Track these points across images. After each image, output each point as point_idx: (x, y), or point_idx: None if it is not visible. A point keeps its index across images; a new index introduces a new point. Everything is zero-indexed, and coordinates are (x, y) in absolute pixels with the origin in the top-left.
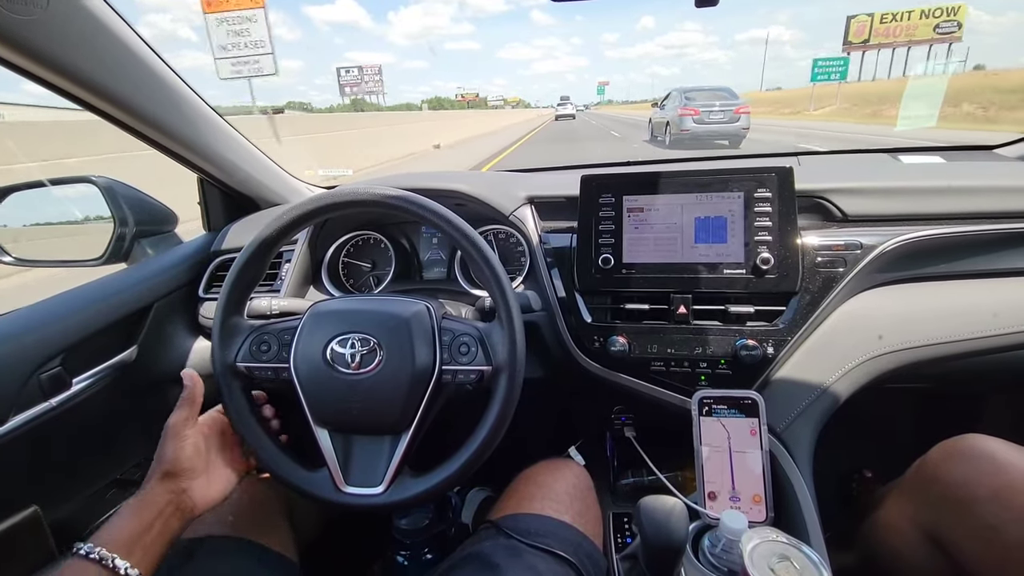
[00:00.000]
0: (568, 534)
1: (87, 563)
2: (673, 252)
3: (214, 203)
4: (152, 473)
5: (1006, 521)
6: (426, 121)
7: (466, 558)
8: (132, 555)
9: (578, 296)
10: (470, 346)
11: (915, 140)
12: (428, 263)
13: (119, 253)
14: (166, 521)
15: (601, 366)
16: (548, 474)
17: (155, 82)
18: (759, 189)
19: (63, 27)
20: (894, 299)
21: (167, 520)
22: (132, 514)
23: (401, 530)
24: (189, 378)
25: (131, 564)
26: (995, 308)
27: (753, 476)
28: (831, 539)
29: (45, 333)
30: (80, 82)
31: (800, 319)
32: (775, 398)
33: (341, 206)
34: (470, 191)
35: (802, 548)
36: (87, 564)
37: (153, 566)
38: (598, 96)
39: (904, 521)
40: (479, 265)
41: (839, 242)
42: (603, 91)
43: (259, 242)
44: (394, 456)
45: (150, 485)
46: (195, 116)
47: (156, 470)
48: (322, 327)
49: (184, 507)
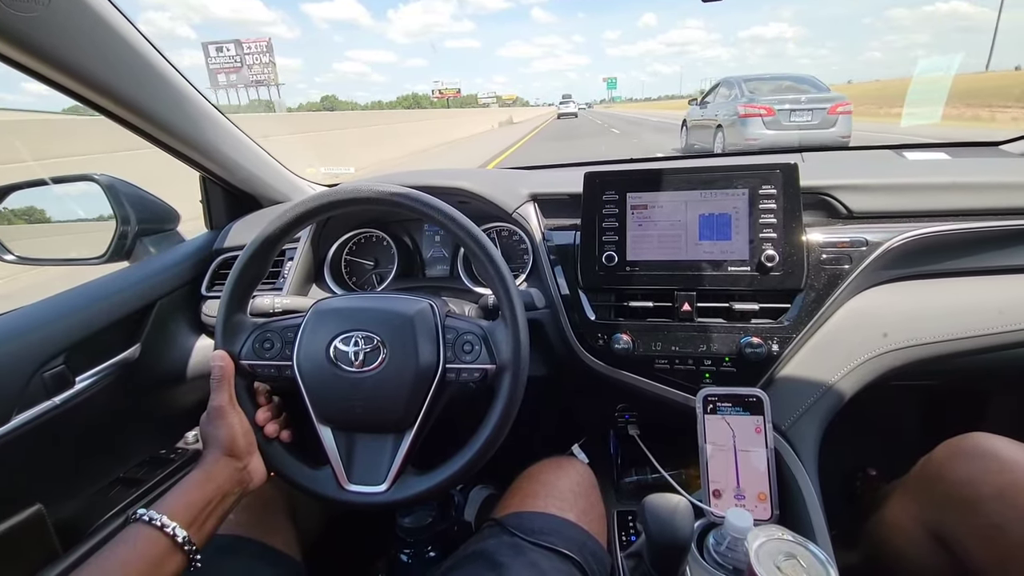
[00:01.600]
0: (572, 532)
1: (150, 528)
2: (677, 249)
3: (216, 201)
4: (209, 453)
5: (1011, 520)
6: (341, 129)
7: (470, 556)
8: (191, 526)
9: (582, 293)
10: (474, 344)
11: (920, 137)
12: (431, 261)
13: (121, 251)
14: (224, 497)
15: (605, 364)
16: (552, 472)
17: (157, 80)
18: (764, 186)
19: (65, 24)
20: (899, 296)
21: (225, 497)
22: (196, 487)
23: (405, 528)
24: (220, 358)
25: (190, 535)
26: (1000, 305)
27: (758, 474)
28: (836, 537)
29: (48, 332)
30: (82, 80)
31: (805, 316)
32: (780, 396)
33: (344, 204)
34: (473, 188)
35: (808, 546)
36: (149, 530)
37: (207, 539)
38: (608, 91)
39: (909, 520)
40: (483, 263)
41: (844, 239)
42: (615, 84)
43: (262, 240)
44: (397, 454)
45: (213, 460)
46: (197, 114)
47: (214, 451)
48: (325, 325)
49: (244, 483)
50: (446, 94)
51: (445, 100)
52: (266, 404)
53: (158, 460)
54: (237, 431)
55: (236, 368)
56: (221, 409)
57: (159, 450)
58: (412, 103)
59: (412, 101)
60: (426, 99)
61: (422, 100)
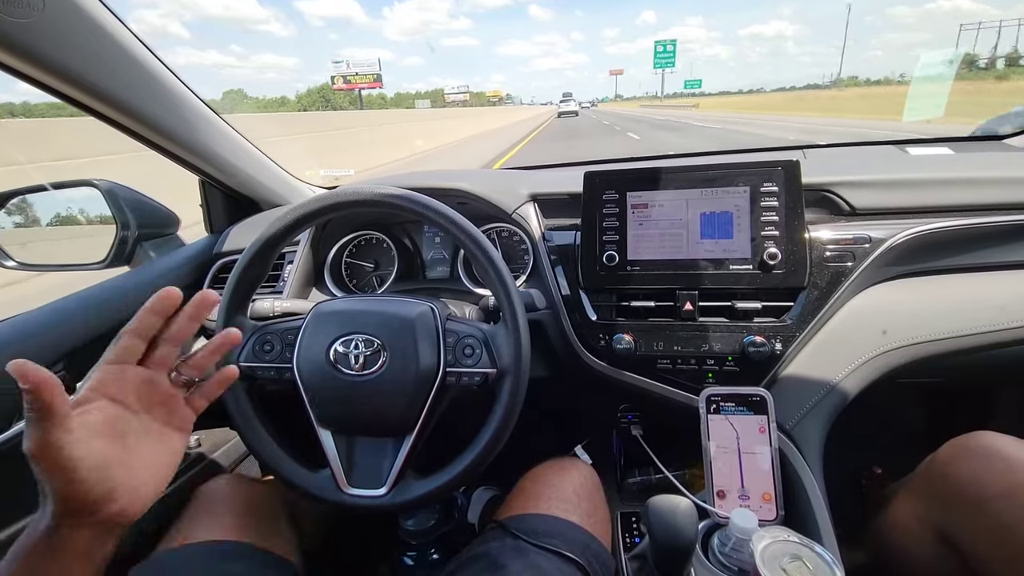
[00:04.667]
0: (576, 534)
1: None
2: (678, 248)
3: (216, 205)
4: (47, 512)
5: (1017, 519)
6: None
7: (473, 558)
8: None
9: (583, 294)
10: (475, 348)
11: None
12: (431, 262)
13: (122, 256)
14: (87, 558)
15: (607, 364)
16: (555, 474)
17: (154, 84)
18: (765, 183)
19: (60, 29)
20: (902, 293)
21: (88, 557)
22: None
23: (407, 531)
24: (14, 369)
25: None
26: (1003, 301)
27: (763, 474)
28: (842, 536)
29: (48, 338)
30: (78, 85)
31: (808, 315)
32: (784, 395)
33: (343, 206)
34: (472, 189)
35: (814, 548)
36: None
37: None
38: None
39: (915, 519)
40: (483, 265)
41: (847, 236)
42: (698, 83)
43: (261, 242)
44: (397, 458)
45: (52, 526)
46: (194, 118)
47: (52, 509)
48: (325, 327)
49: (111, 529)
50: (355, 84)
51: (356, 94)
52: None
53: None
54: (78, 472)
55: None
56: (37, 452)
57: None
58: (321, 101)
59: (319, 98)
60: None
61: (369, 100)
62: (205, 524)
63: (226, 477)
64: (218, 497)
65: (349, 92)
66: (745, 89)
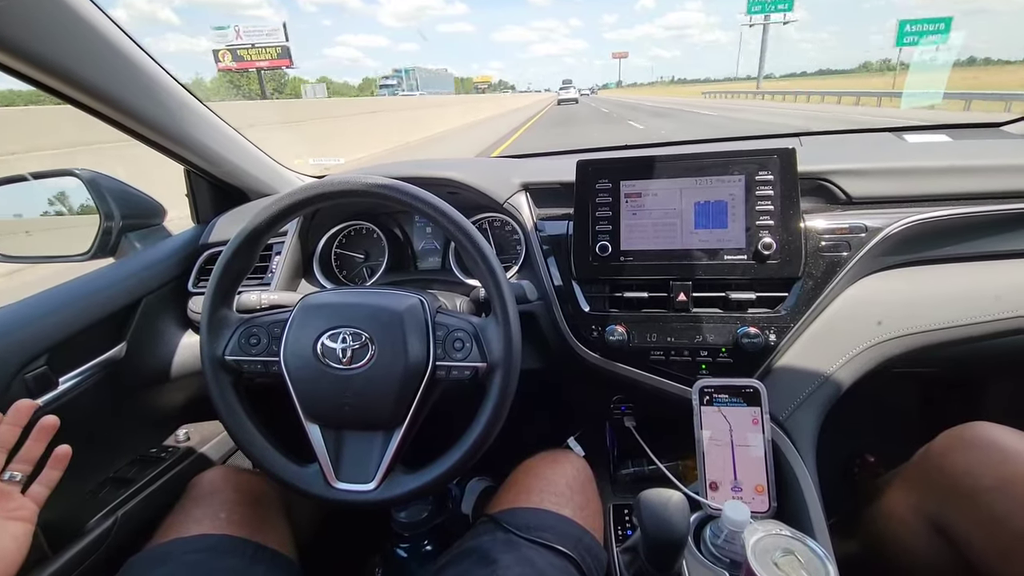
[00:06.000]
0: (568, 528)
1: None
2: (672, 238)
3: (202, 195)
4: None
5: (1012, 511)
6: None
7: (464, 552)
8: None
9: (575, 285)
10: (464, 342)
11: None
12: (422, 253)
13: (106, 247)
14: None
15: (600, 356)
16: (548, 466)
17: (133, 71)
18: (760, 172)
19: (33, 14)
20: (897, 283)
21: None
22: None
23: (400, 523)
24: None
25: None
26: (998, 291)
27: (755, 466)
28: (834, 526)
29: (29, 332)
30: (53, 72)
31: (803, 305)
32: (777, 386)
33: (330, 196)
34: (463, 179)
35: (806, 542)
36: None
37: None
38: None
39: (908, 510)
40: (472, 257)
41: (843, 225)
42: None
43: (246, 233)
44: (386, 452)
45: None
46: (176, 105)
47: None
48: (313, 321)
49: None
50: (251, 62)
51: (254, 74)
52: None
53: (148, 459)
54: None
55: (221, 365)
56: None
57: (149, 449)
58: (228, 86)
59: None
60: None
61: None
62: (198, 517)
63: (218, 469)
64: (211, 490)
65: (244, 73)
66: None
